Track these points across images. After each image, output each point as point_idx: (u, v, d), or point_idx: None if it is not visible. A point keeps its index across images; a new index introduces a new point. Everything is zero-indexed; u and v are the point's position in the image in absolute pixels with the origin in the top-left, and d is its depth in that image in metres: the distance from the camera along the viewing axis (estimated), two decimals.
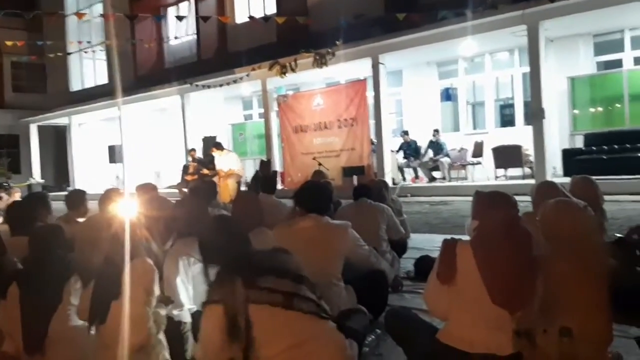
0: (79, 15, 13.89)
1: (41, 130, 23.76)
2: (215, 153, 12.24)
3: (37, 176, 21.99)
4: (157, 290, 2.55)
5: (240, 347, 2.08)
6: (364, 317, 2.89)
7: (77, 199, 4.94)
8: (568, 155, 10.46)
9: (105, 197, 4.67)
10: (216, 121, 17.84)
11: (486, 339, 2.30)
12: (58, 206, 5.58)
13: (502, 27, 10.72)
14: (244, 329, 2.07)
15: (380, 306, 3.29)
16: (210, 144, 15.04)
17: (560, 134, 11.47)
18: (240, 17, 17.52)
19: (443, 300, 2.40)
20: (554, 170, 10.83)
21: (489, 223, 2.36)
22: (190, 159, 14.20)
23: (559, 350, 2.43)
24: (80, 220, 4.68)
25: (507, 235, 2.32)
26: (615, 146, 9.96)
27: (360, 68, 13.27)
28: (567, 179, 4.59)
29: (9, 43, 14.41)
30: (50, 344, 2.64)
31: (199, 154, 16.25)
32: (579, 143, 11.02)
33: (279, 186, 13.83)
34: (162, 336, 2.63)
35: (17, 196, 13.68)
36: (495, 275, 2.26)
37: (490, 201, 2.46)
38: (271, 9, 16.59)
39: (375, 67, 12.56)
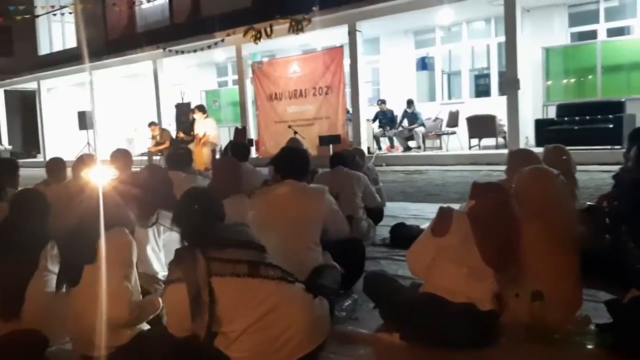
0: None
1: (8, 95, 23.08)
2: (197, 115, 12.09)
3: (5, 143, 21.46)
4: (134, 263, 2.49)
5: (204, 323, 2.10)
6: (335, 272, 2.94)
7: (56, 166, 4.90)
8: (540, 126, 10.59)
9: (80, 163, 4.62)
10: (190, 88, 17.54)
11: (468, 290, 2.41)
12: (28, 173, 5.49)
13: None
14: (208, 304, 2.10)
15: (356, 273, 3.32)
16: (184, 110, 14.82)
17: (533, 105, 11.58)
18: None
19: (428, 254, 2.52)
20: (527, 140, 10.98)
21: (484, 203, 2.52)
22: (152, 134, 13.76)
23: (530, 313, 2.51)
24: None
25: (498, 215, 2.48)
26: (587, 117, 10.11)
27: (337, 35, 13.12)
28: (539, 149, 4.65)
29: None
30: (26, 309, 2.62)
31: (172, 120, 15.99)
32: (552, 113, 11.15)
33: (254, 154, 13.79)
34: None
35: None
36: (488, 240, 2.41)
37: (487, 188, 2.62)
38: None
39: (352, 34, 12.43)
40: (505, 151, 10.49)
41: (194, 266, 2.12)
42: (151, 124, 13.94)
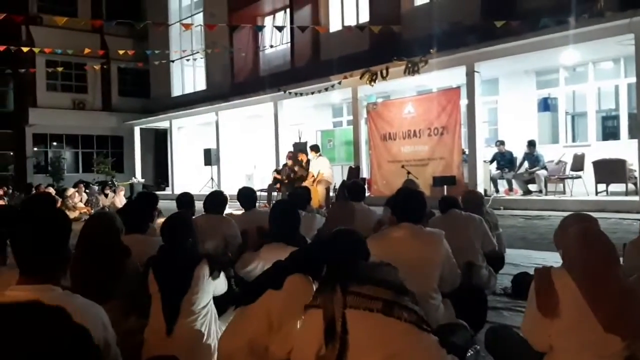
0: (186, 26, 14.69)
1: (143, 132, 25.21)
2: (311, 155, 12.53)
3: (138, 176, 23.36)
4: None
5: (334, 352, 2.14)
6: (466, 333, 2.83)
7: (187, 200, 5.34)
8: None
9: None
10: (306, 127, 18.19)
11: None
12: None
13: (607, 35, 10.19)
14: (340, 333, 2.12)
15: (478, 323, 3.23)
16: (300, 149, 15.36)
17: None
18: (334, 26, 17.79)
19: (545, 332, 2.31)
20: None
21: (568, 242, 2.34)
22: (289, 162, 14.32)
23: None
24: None
25: (587, 244, 2.27)
26: None
27: (453, 76, 13.06)
28: None
29: (121, 52, 15.49)
30: (179, 326, 2.88)
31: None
32: None
33: (366, 193, 13.91)
34: None
35: (122, 194, 14.73)
36: (601, 299, 2.18)
37: (565, 222, 2.47)
38: (364, 17, 16.71)
39: (470, 75, 12.31)
40: (636, 198, 9.78)
41: (331, 296, 2.18)
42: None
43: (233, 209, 6.14)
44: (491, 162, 12.83)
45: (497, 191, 12.70)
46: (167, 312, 2.90)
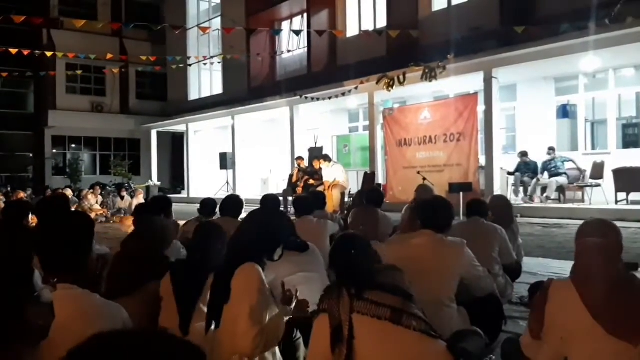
0: (203, 29, 14.76)
1: (160, 135, 25.40)
2: (323, 165, 12.39)
3: (155, 179, 23.51)
4: (267, 292, 2.54)
5: (341, 356, 2.12)
6: (479, 340, 2.77)
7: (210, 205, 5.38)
8: None
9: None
10: (322, 132, 18.17)
11: None
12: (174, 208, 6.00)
13: (628, 42, 10.05)
14: (347, 339, 2.11)
15: (494, 332, 3.17)
16: (316, 155, 15.33)
17: None
18: (351, 31, 17.77)
19: (545, 352, 2.25)
20: None
21: (578, 251, 2.26)
22: (297, 166, 14.40)
23: None
24: None
25: (586, 256, 2.19)
26: None
27: (471, 82, 12.95)
28: None
29: (143, 57, 15.60)
30: (193, 330, 2.85)
31: (305, 164, 16.60)
32: None
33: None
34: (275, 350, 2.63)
35: (140, 197, 14.79)
36: (603, 305, 2.10)
37: (582, 229, 2.32)
38: (382, 22, 16.68)
39: (488, 81, 12.19)
40: None
41: (337, 300, 2.18)
42: (299, 158, 14.57)
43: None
44: (515, 172, 12.54)
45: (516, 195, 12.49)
46: (182, 315, 2.90)
